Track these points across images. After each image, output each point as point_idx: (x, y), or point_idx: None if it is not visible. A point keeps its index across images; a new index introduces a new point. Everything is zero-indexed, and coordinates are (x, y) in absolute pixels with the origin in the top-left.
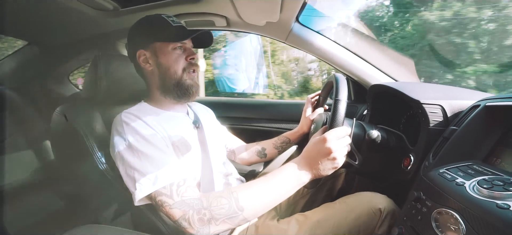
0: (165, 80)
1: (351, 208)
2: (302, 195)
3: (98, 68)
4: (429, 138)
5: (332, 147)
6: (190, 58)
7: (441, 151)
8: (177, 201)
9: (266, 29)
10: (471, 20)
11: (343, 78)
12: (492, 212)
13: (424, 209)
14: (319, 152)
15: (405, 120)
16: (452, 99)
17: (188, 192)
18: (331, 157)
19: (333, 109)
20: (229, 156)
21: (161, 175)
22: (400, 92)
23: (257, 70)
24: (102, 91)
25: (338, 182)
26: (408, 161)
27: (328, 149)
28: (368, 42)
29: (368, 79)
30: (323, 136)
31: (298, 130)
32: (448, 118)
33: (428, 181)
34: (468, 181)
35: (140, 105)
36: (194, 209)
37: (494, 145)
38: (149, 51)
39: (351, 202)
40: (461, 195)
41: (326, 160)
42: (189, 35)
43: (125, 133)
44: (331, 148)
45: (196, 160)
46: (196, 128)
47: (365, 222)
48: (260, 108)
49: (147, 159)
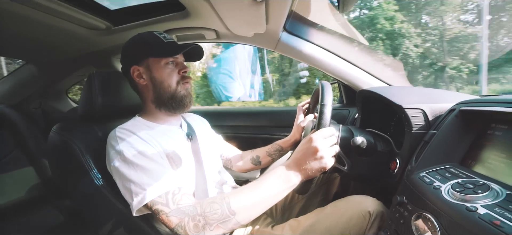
0: (160, 93)
1: (342, 211)
2: (298, 200)
3: (93, 85)
4: (412, 142)
5: (318, 146)
6: (182, 71)
7: (422, 155)
8: (173, 209)
9: (255, 40)
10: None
11: (328, 84)
12: (462, 214)
13: (406, 212)
14: (306, 151)
15: (394, 123)
16: (433, 103)
17: (183, 199)
18: (318, 156)
19: (319, 113)
20: (226, 164)
21: (157, 184)
22: (384, 97)
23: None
24: (98, 107)
25: (333, 186)
26: (395, 165)
27: (314, 148)
28: (357, 46)
29: (358, 83)
30: (309, 136)
31: (290, 138)
32: (429, 121)
33: (410, 185)
34: (444, 184)
35: (134, 120)
36: (189, 216)
37: (470, 148)
38: (142, 67)
39: (342, 206)
40: (437, 198)
41: (313, 160)
42: (181, 50)
43: (120, 148)
44: (317, 147)
45: (190, 171)
46: (190, 140)
47: (356, 225)
48: (254, 116)
49: (142, 171)
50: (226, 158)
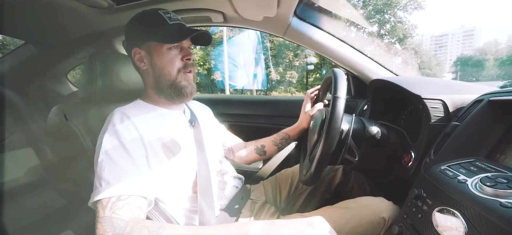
0: (159, 81)
1: (352, 213)
2: (302, 190)
3: (94, 66)
4: (430, 134)
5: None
6: (186, 58)
7: (443, 147)
8: (105, 216)
9: (263, 24)
10: None
11: (342, 73)
12: (495, 210)
13: (425, 207)
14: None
15: (406, 116)
16: (454, 94)
17: (123, 210)
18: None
19: (332, 107)
20: (227, 155)
21: (112, 185)
22: (401, 87)
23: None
24: (99, 89)
25: (337, 176)
26: (409, 158)
27: (310, 221)
28: (368, 37)
29: (368, 74)
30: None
31: (297, 126)
32: (450, 113)
33: (429, 178)
34: (470, 178)
35: (136, 103)
36: (114, 232)
37: (498, 141)
38: (144, 50)
39: (353, 207)
40: (463, 193)
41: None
42: (185, 36)
43: (108, 134)
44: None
45: (191, 158)
46: (192, 127)
47: (366, 229)
48: (258, 105)
49: (112, 166)
50: (228, 147)
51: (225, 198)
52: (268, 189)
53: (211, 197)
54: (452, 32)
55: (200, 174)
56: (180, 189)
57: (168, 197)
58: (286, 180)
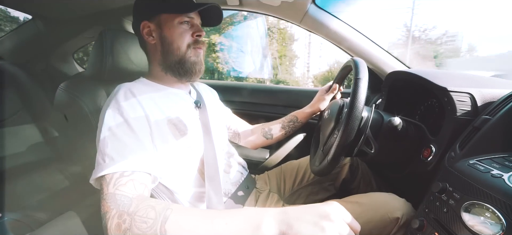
0: (167, 56)
1: (363, 209)
2: (307, 182)
3: (104, 44)
4: (455, 128)
5: (334, 213)
6: (196, 34)
7: (471, 142)
8: (109, 193)
9: (280, 10)
10: None
11: (362, 60)
12: None
13: (451, 201)
14: (313, 207)
15: (423, 110)
16: (483, 88)
17: (126, 186)
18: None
19: (354, 88)
20: (233, 138)
21: (115, 161)
22: (424, 79)
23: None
24: (108, 68)
25: (342, 172)
26: (429, 152)
27: (327, 212)
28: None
29: (384, 67)
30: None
31: (309, 107)
32: (478, 107)
33: (456, 172)
34: (506, 173)
35: (139, 81)
36: (118, 210)
37: None
38: (153, 23)
39: (363, 202)
40: (500, 187)
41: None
42: (196, 7)
43: (111, 110)
44: (332, 213)
45: (197, 141)
46: (198, 108)
47: (377, 226)
48: (267, 94)
49: (115, 141)
50: (234, 131)
51: (230, 183)
52: (273, 179)
53: (218, 183)
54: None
55: (207, 160)
56: (185, 172)
57: (173, 179)
58: (291, 171)
